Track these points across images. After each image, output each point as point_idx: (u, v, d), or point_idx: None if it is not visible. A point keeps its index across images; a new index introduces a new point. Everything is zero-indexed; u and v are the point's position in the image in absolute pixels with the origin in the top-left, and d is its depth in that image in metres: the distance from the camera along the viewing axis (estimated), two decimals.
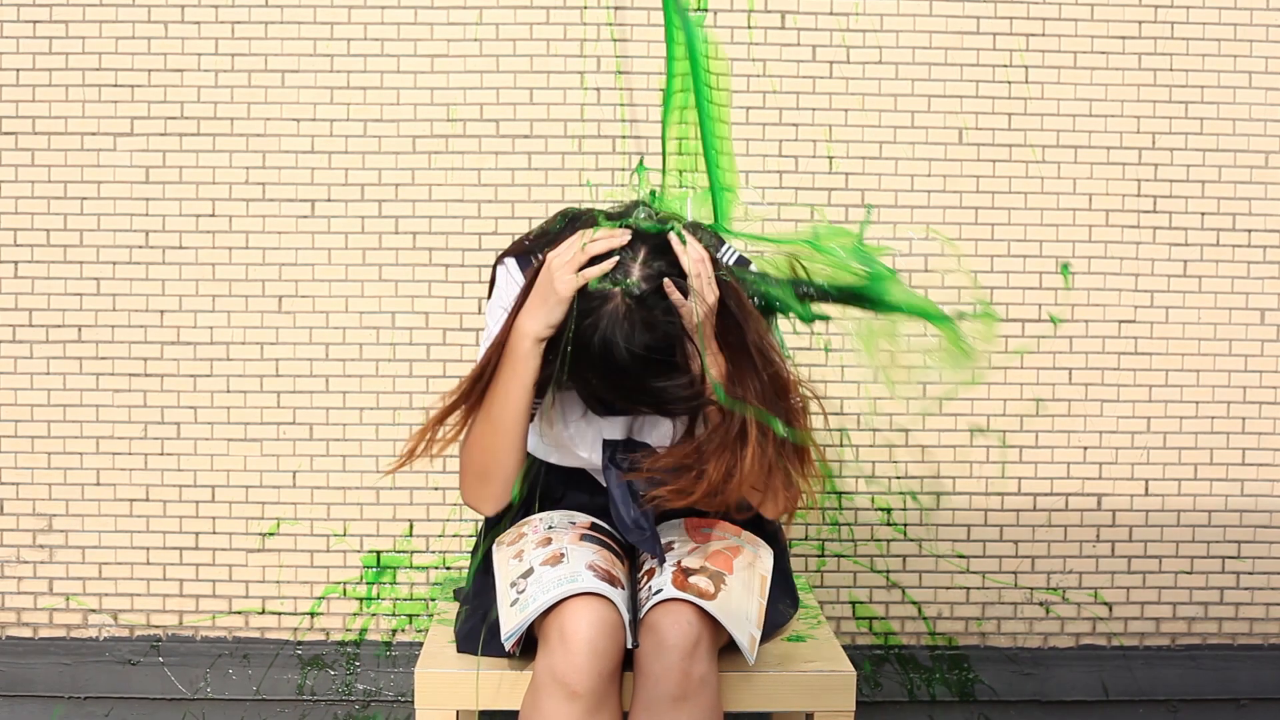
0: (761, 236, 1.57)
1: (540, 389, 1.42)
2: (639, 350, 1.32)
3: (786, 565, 1.68)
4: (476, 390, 1.43)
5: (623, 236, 1.36)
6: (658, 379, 1.34)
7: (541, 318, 1.36)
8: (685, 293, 1.34)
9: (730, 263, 1.47)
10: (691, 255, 1.35)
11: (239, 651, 2.14)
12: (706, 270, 1.35)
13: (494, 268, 1.54)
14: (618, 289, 1.33)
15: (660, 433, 1.50)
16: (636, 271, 1.33)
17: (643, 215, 1.39)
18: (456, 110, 2.10)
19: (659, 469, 1.39)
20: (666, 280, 1.33)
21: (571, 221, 1.47)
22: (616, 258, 1.34)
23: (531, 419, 1.48)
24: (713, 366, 1.35)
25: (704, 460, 1.37)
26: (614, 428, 1.51)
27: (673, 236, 1.35)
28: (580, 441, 1.52)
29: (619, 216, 1.40)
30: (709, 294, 1.35)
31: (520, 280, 1.46)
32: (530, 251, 1.48)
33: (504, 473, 1.46)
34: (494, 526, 1.58)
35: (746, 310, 1.38)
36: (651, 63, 2.09)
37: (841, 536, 2.15)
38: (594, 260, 1.35)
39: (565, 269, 1.34)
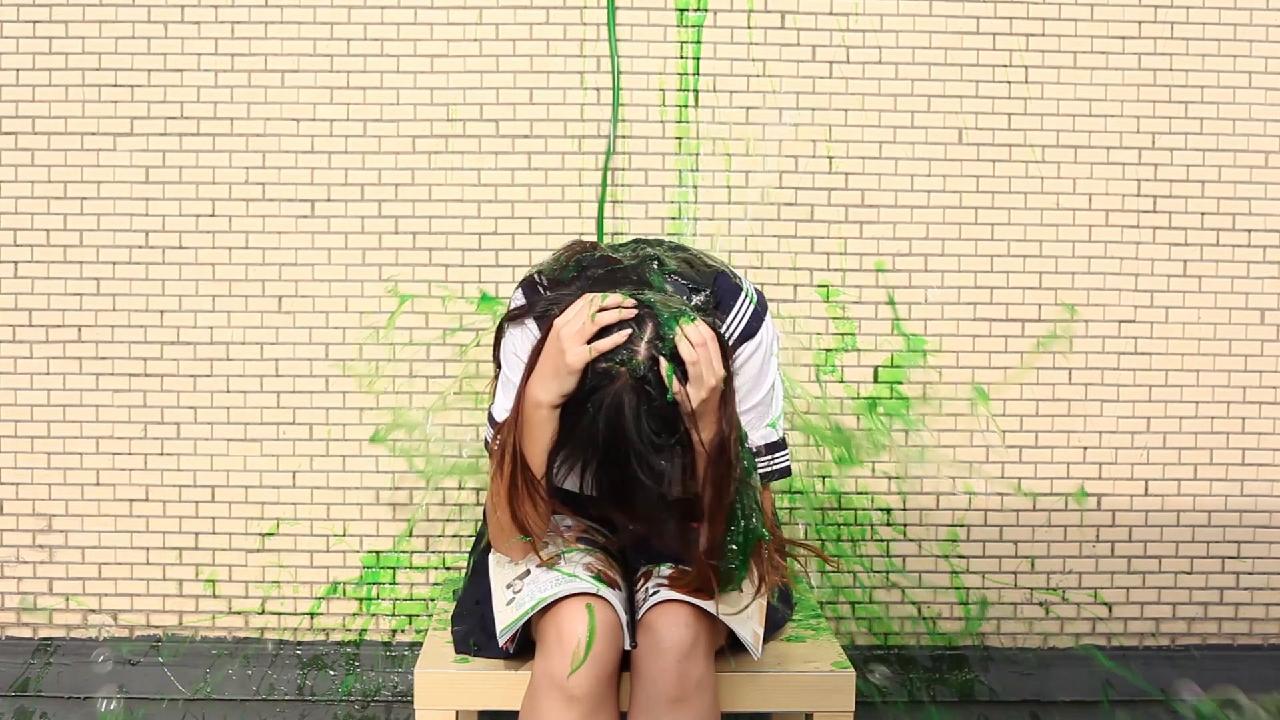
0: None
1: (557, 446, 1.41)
2: (645, 433, 1.30)
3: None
4: (504, 455, 1.41)
5: (630, 308, 1.34)
6: (662, 460, 1.32)
7: (554, 388, 1.34)
8: (685, 378, 1.31)
9: (745, 318, 1.46)
10: (693, 340, 1.32)
11: (239, 651, 2.14)
12: (708, 352, 1.32)
13: (503, 323, 1.51)
14: (624, 368, 1.30)
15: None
16: (643, 350, 1.31)
17: (652, 298, 1.36)
18: (456, 110, 2.09)
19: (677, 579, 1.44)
20: (663, 365, 1.30)
21: (583, 271, 1.45)
22: (627, 330, 1.32)
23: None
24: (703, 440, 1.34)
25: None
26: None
27: (677, 331, 1.32)
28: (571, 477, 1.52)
29: (628, 276, 1.40)
30: (709, 376, 1.32)
31: (536, 332, 1.44)
32: (544, 306, 1.45)
33: (533, 526, 1.45)
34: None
35: (731, 409, 1.37)
36: (651, 62, 2.09)
37: (841, 537, 2.15)
38: (603, 330, 1.32)
39: (574, 340, 1.32)
